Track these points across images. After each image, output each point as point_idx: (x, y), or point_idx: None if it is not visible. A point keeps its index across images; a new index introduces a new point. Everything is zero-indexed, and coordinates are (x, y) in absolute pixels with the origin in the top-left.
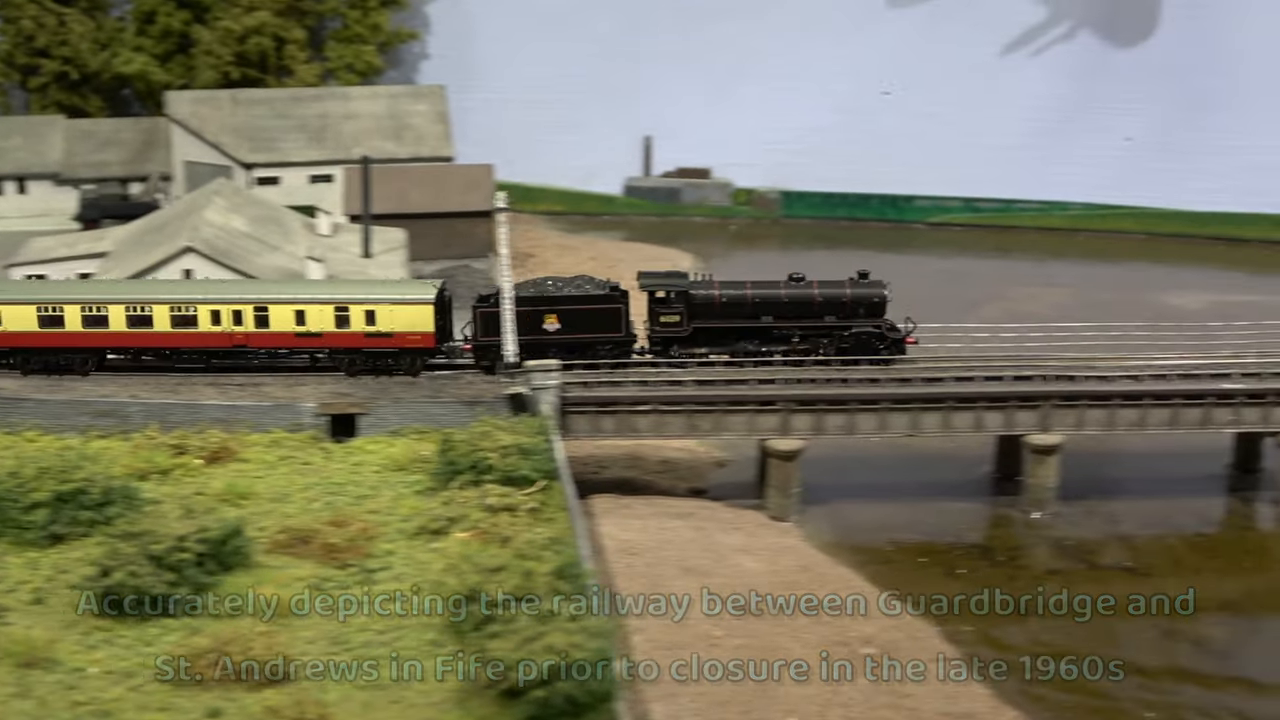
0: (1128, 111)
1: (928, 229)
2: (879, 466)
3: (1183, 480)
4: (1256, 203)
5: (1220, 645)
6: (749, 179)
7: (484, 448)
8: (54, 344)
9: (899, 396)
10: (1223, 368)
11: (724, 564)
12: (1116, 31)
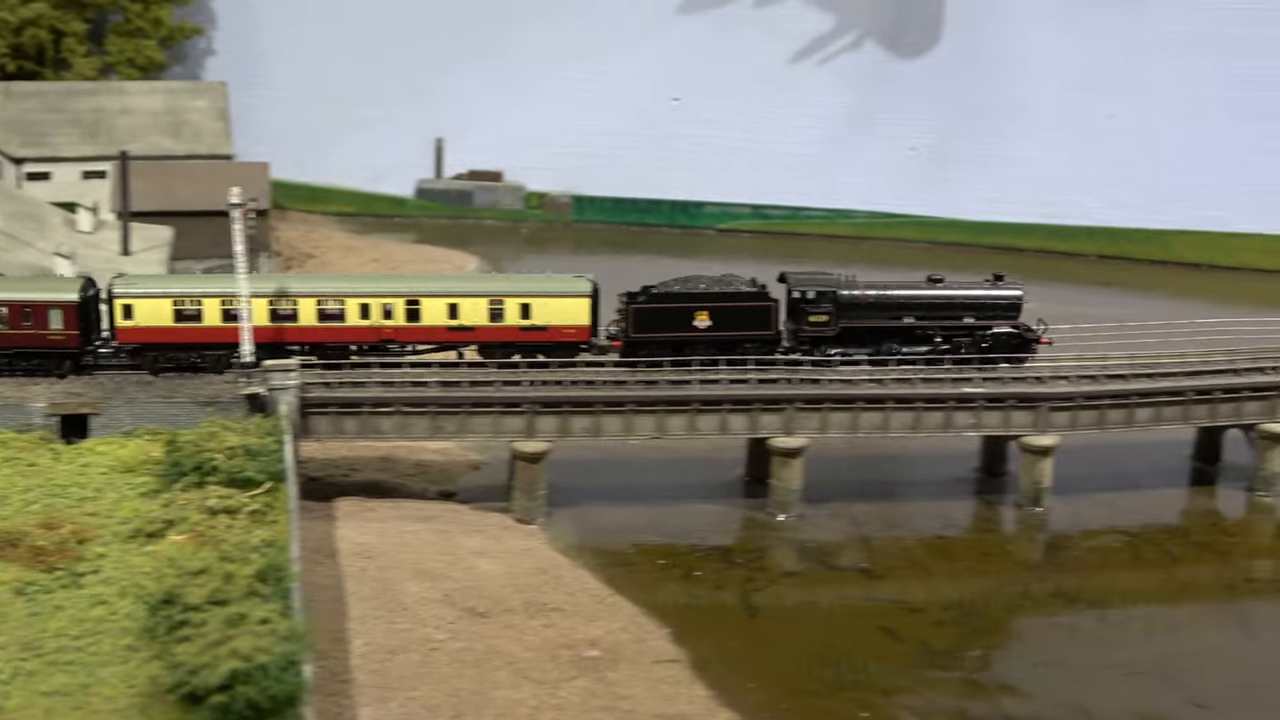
0: (912, 121)
1: (717, 235)
2: (635, 469)
3: (929, 483)
4: (1035, 213)
5: (944, 646)
6: (541, 183)
7: (210, 449)
8: (189, 339)
9: (644, 399)
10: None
11: (459, 567)
12: (901, 42)
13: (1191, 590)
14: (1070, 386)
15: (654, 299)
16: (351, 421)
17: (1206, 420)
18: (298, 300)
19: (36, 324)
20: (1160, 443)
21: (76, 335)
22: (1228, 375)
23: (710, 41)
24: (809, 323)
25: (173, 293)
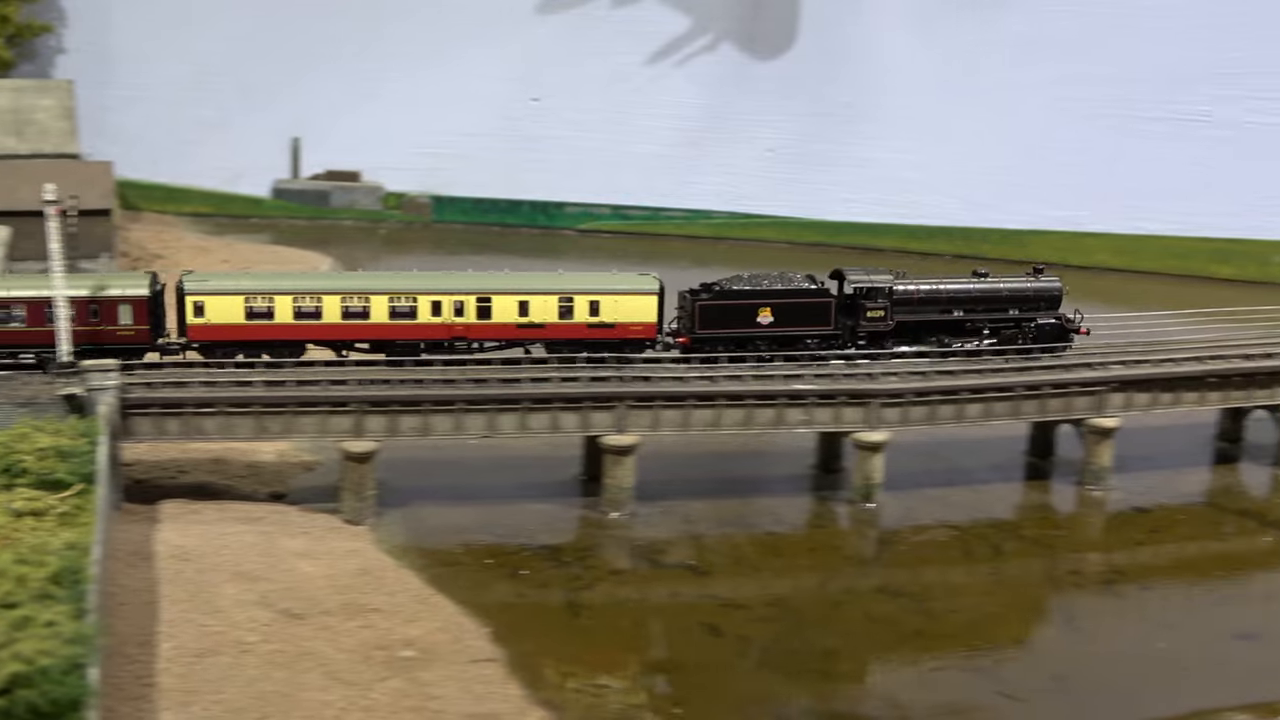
0: (769, 123)
1: (578, 236)
2: (471, 468)
3: (765, 480)
4: (891, 213)
5: (765, 642)
6: (400, 183)
7: (20, 450)
8: (261, 336)
9: (473, 397)
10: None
11: (279, 569)
12: (757, 44)
13: (1015, 584)
14: (900, 383)
15: (719, 296)
16: (174, 422)
17: (1037, 415)
18: (370, 298)
19: (105, 319)
20: (997, 438)
21: (147, 330)
22: (1057, 371)
23: (569, 42)
24: (867, 318)
25: (245, 289)
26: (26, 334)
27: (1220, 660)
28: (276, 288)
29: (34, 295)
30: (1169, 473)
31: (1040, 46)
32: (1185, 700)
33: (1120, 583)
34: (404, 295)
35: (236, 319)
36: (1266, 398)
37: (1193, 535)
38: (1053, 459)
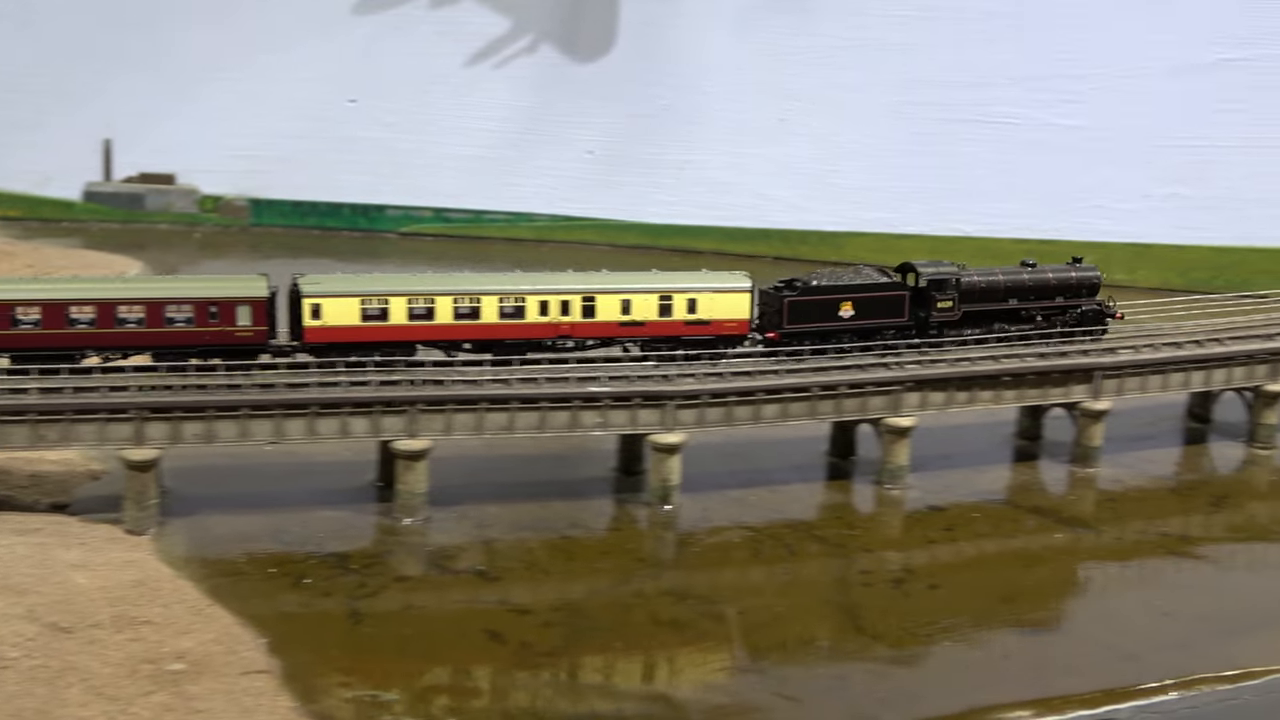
0: (589, 125)
1: (399, 239)
2: (264, 475)
3: (564, 483)
4: (711, 215)
5: (547, 647)
6: (216, 186)
7: None
8: (376, 338)
9: (260, 403)
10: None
11: (50, 581)
12: (577, 46)
13: (805, 585)
14: (696, 384)
15: (806, 292)
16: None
17: (834, 416)
18: (480, 299)
19: (224, 320)
20: (801, 438)
21: (265, 331)
22: (852, 371)
23: (386, 43)
24: (938, 308)
25: (360, 292)
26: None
27: (1004, 656)
28: (392, 290)
29: (152, 297)
30: (968, 471)
31: (856, 50)
32: (966, 697)
33: (910, 581)
34: (513, 296)
35: (353, 321)
36: (1061, 396)
37: (986, 533)
38: (854, 459)
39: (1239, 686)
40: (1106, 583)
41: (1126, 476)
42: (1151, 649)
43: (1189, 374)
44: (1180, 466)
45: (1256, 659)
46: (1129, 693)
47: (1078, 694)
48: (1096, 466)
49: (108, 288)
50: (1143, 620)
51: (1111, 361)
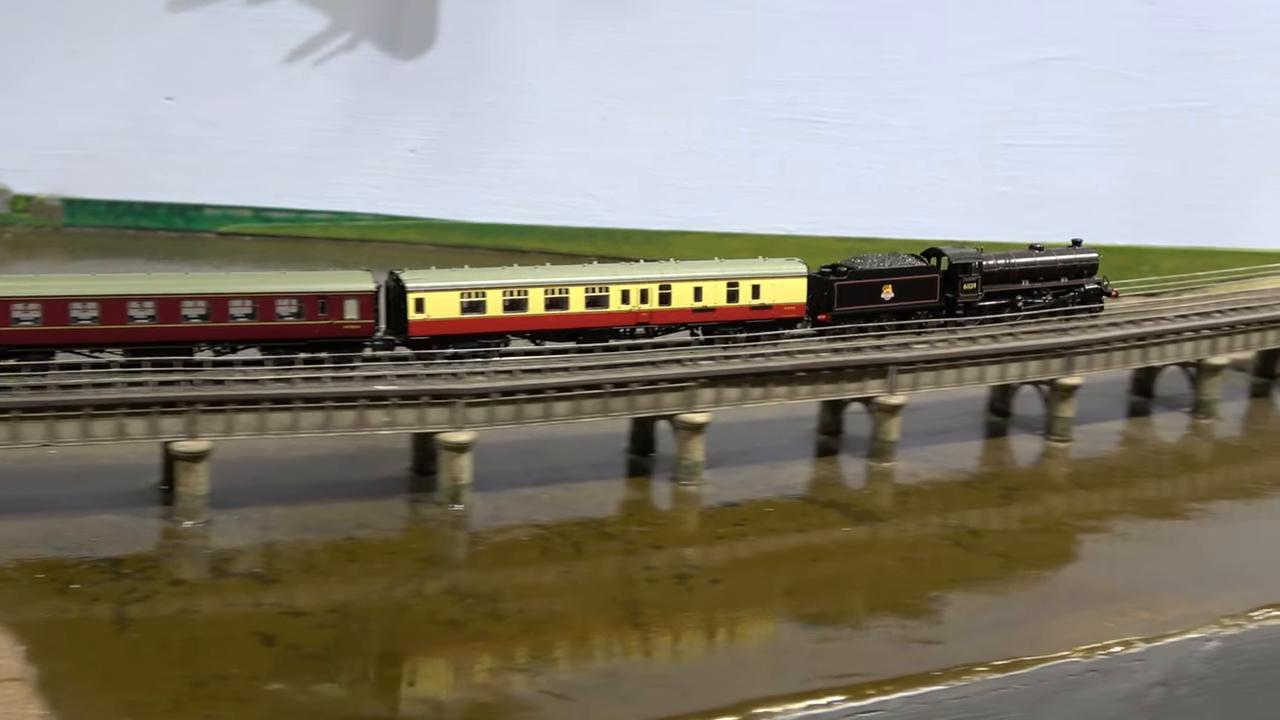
0: (411, 123)
1: (218, 239)
2: (43, 478)
3: (355, 484)
4: (535, 214)
5: (317, 649)
6: (28, 185)
7: None
8: (474, 330)
9: (30, 405)
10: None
11: None
12: (397, 43)
13: (588, 582)
14: (486, 382)
15: (853, 276)
16: None
17: (627, 412)
18: (569, 289)
19: (332, 314)
20: (603, 434)
21: (371, 325)
22: (645, 367)
23: (202, 40)
24: (964, 290)
25: (459, 286)
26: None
27: (782, 649)
28: (488, 282)
29: (265, 291)
30: (766, 466)
31: (681, 50)
32: (738, 690)
33: (694, 577)
34: (598, 286)
35: (453, 313)
36: (857, 391)
37: (777, 528)
38: (653, 456)
39: (1009, 676)
40: (890, 575)
41: (922, 470)
42: (925, 639)
43: (984, 368)
44: (977, 459)
45: (1029, 649)
46: (899, 682)
47: (850, 685)
48: (893, 460)
49: (220, 282)
50: (920, 611)
51: (906, 356)
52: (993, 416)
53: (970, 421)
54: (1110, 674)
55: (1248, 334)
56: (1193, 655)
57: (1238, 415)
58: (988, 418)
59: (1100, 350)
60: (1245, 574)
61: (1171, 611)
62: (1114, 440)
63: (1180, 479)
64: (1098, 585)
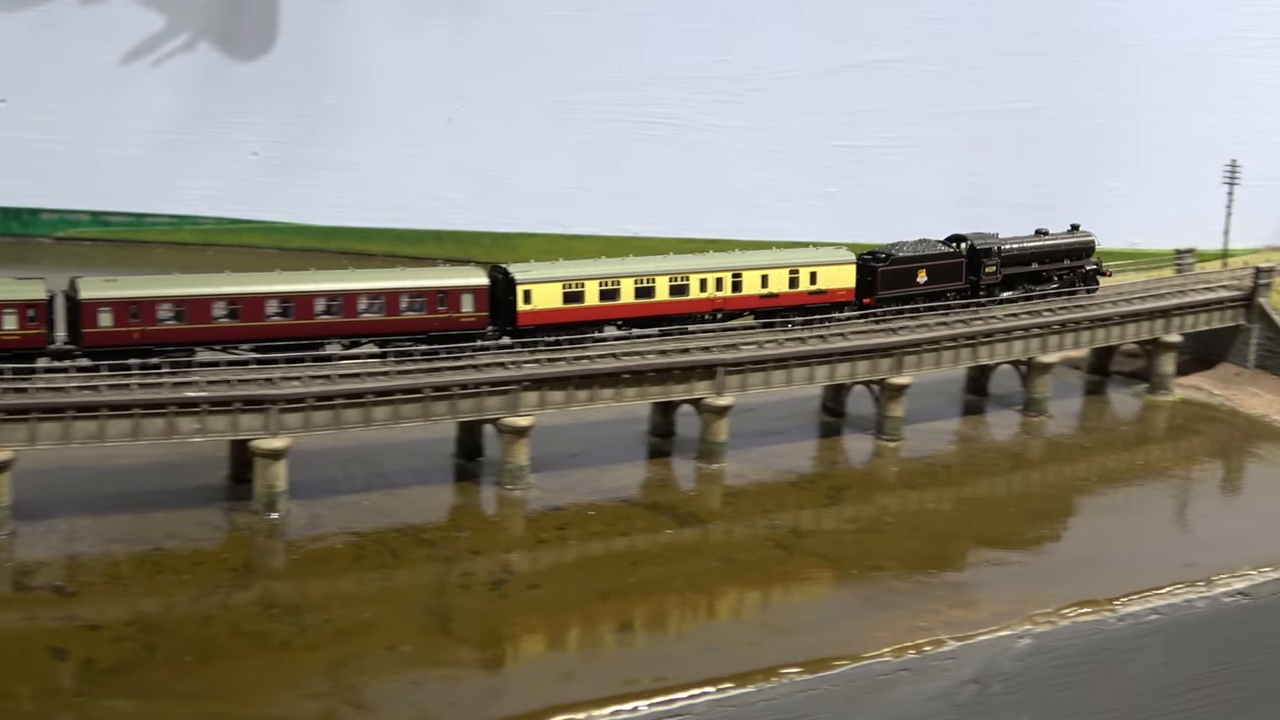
0: (253, 125)
1: (54, 243)
2: None
3: (170, 493)
4: (380, 218)
5: (112, 663)
6: None
7: None
8: (575, 319)
9: None
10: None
11: None
12: (237, 44)
13: (400, 590)
14: (301, 387)
15: (894, 262)
16: None
17: (449, 417)
18: (655, 279)
19: (451, 307)
20: (431, 439)
21: (486, 317)
22: (467, 371)
23: (33, 40)
24: (985, 273)
25: (561, 277)
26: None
27: (593, 654)
28: (586, 274)
29: (392, 287)
30: (595, 470)
31: (522, 51)
32: (545, 696)
33: (510, 583)
34: (680, 275)
35: (556, 304)
36: (685, 392)
37: (599, 532)
38: (481, 460)
39: (819, 676)
40: (710, 577)
41: (751, 471)
42: (739, 641)
43: (813, 369)
44: (806, 460)
45: (840, 649)
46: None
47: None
48: (722, 462)
49: (348, 279)
50: (737, 613)
51: (734, 358)
52: (826, 416)
53: (804, 422)
54: (921, 673)
55: (1078, 332)
56: (1005, 653)
57: (1070, 413)
58: (821, 418)
59: (929, 350)
60: (1063, 571)
61: (985, 609)
62: (946, 439)
63: (1008, 477)
64: (913, 584)
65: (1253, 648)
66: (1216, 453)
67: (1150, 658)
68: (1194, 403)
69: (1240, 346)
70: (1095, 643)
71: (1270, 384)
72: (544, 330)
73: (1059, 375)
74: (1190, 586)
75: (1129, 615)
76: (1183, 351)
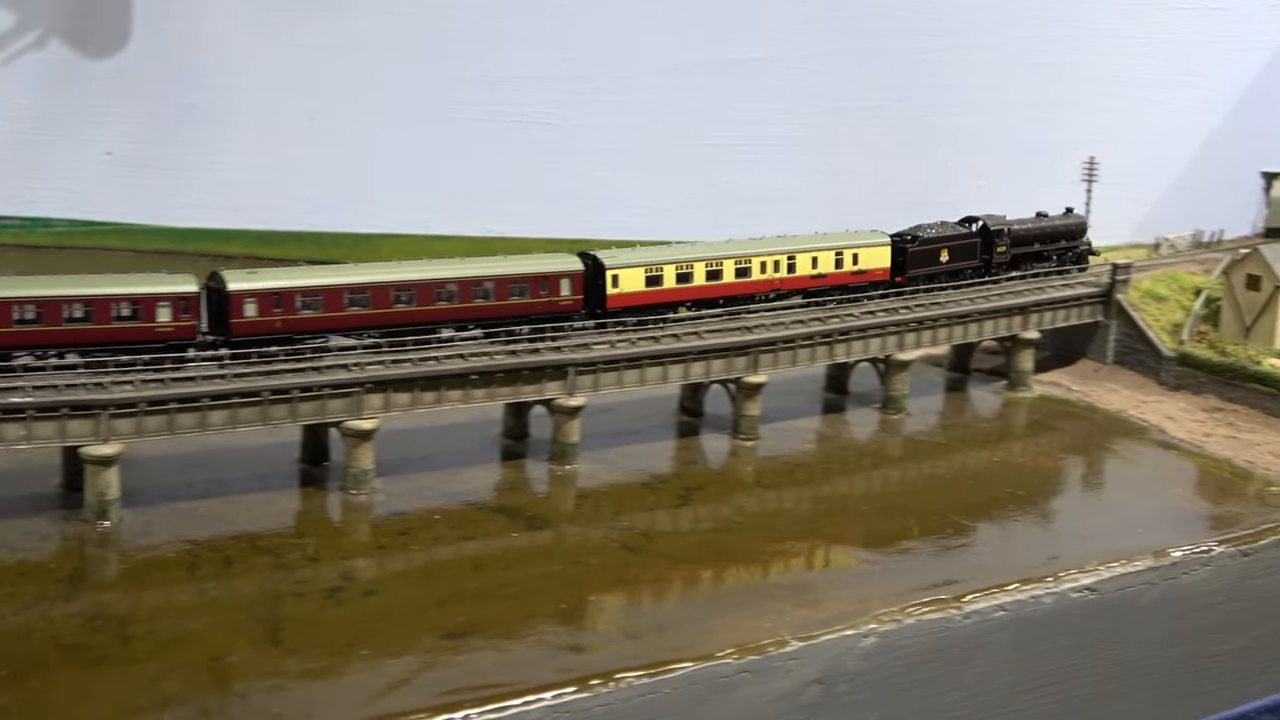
0: (107, 124)
1: None
2: None
3: None
4: (240, 219)
5: None
6: None
7: None
8: (654, 301)
9: None
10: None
11: None
12: (89, 41)
13: (232, 600)
14: (133, 391)
15: (922, 243)
16: None
17: (289, 420)
18: (722, 262)
19: (551, 292)
20: (278, 444)
21: (581, 300)
22: (309, 374)
23: None
24: (997, 252)
25: (644, 262)
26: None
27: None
28: (665, 259)
29: (503, 274)
30: (444, 473)
31: (384, 49)
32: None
33: (346, 590)
34: (743, 259)
35: (640, 287)
36: (535, 393)
37: (443, 536)
38: (327, 465)
39: (658, 680)
40: (553, 581)
41: (603, 472)
42: (579, 646)
43: (667, 368)
44: (661, 460)
45: (681, 651)
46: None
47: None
48: (575, 463)
49: (463, 268)
50: (579, 617)
51: (585, 358)
52: (684, 417)
53: (661, 422)
54: (765, 674)
55: (935, 330)
56: (850, 652)
57: (930, 410)
58: (679, 418)
59: (785, 348)
60: (912, 569)
61: (830, 609)
62: (803, 438)
63: (864, 475)
64: (760, 584)
65: (1101, 643)
66: (1072, 448)
67: (998, 654)
68: (1052, 399)
69: (1099, 343)
70: (941, 640)
71: (1127, 379)
72: (628, 312)
73: (920, 373)
74: (1039, 583)
75: (975, 613)
76: (1043, 348)
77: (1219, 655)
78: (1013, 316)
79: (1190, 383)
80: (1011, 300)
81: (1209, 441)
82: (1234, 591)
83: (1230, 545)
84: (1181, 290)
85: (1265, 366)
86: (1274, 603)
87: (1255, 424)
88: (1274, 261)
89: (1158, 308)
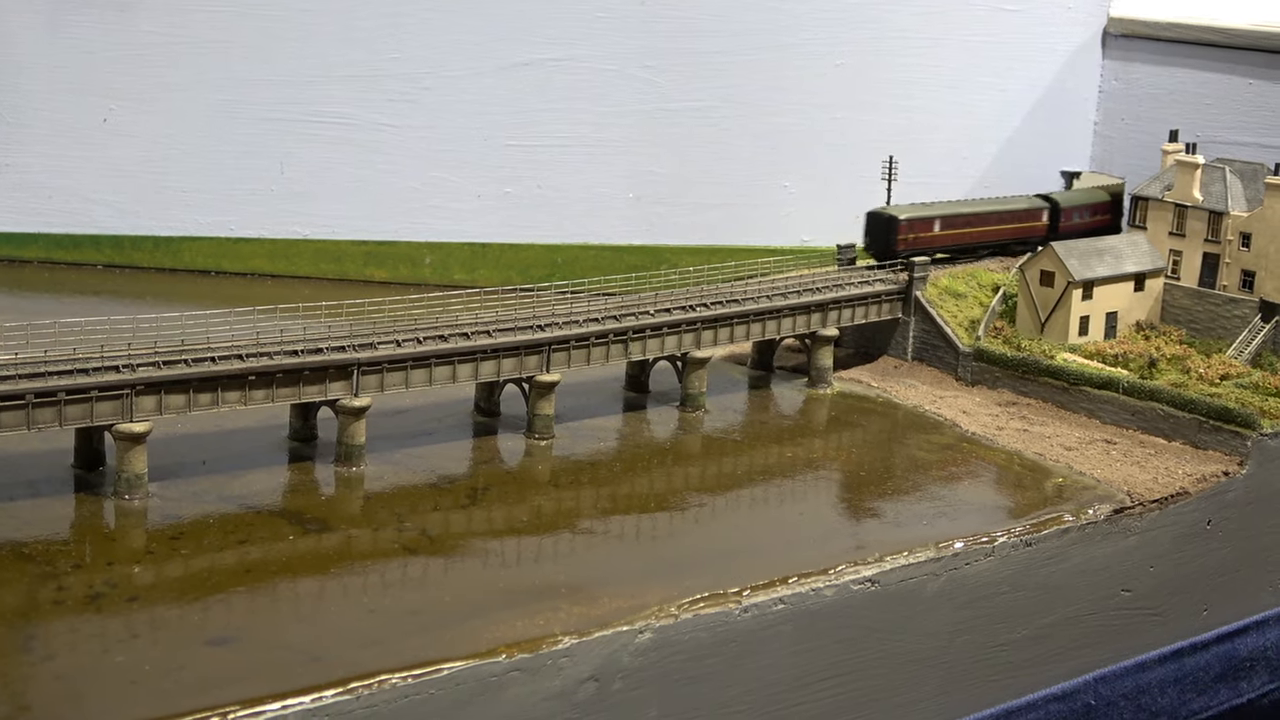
0: None
1: None
2: None
3: None
4: (35, 222)
5: None
6: None
7: None
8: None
9: None
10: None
11: None
12: None
13: None
14: None
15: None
16: None
17: (54, 424)
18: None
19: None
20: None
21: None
22: (77, 376)
23: None
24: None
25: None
26: None
27: (181, 666)
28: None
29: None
30: (226, 476)
31: (178, 48)
32: (124, 712)
33: (109, 596)
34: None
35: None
36: (319, 394)
37: (216, 541)
38: (102, 469)
39: (422, 681)
40: (323, 585)
41: (391, 474)
42: (343, 648)
43: (456, 367)
44: (453, 461)
45: (448, 651)
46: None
47: (244, 698)
48: (362, 466)
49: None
50: (345, 619)
51: (370, 357)
52: (479, 417)
53: (455, 423)
54: (536, 672)
55: (732, 327)
56: (625, 648)
57: (730, 408)
58: (474, 418)
59: (578, 346)
60: (693, 564)
61: (607, 605)
62: (600, 437)
63: (656, 473)
64: (538, 582)
65: (885, 634)
66: (867, 443)
67: (779, 648)
68: (852, 395)
69: (899, 340)
70: (721, 635)
71: (926, 375)
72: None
73: (722, 370)
74: (819, 575)
75: (753, 606)
76: (845, 345)
77: (1004, 645)
78: (811, 314)
79: (986, 378)
80: (810, 297)
81: (1001, 435)
82: (1017, 581)
83: (1014, 536)
84: (980, 287)
85: (1058, 360)
86: (1058, 592)
87: (1047, 417)
88: (1067, 258)
89: (956, 304)
